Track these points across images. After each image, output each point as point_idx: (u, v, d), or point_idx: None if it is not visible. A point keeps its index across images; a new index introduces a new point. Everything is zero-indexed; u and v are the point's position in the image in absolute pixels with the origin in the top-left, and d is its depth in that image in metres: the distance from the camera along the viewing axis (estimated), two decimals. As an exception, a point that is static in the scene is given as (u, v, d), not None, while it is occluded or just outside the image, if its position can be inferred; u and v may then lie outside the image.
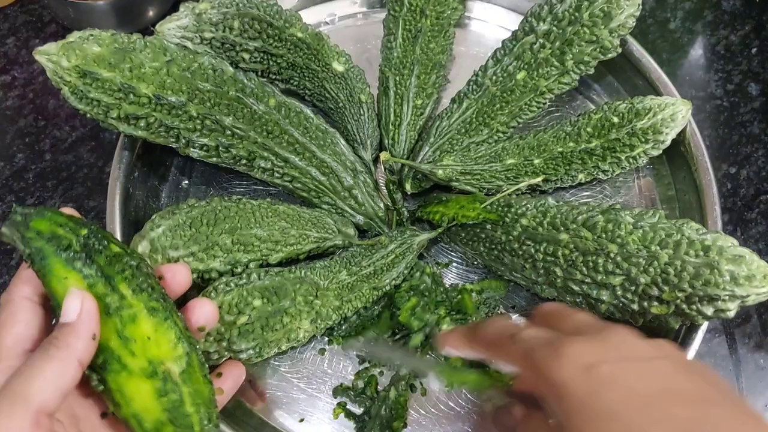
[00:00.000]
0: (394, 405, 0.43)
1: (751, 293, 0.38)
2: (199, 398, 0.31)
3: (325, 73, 0.53)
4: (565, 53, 0.49)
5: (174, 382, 0.30)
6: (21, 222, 0.30)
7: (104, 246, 0.30)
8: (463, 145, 0.52)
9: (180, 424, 0.30)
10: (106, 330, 0.29)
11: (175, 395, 0.30)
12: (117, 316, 0.29)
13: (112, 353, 0.29)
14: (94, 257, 0.30)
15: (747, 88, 0.63)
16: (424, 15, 0.53)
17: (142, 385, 0.29)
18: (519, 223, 0.45)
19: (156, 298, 0.31)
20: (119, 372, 0.29)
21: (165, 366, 0.30)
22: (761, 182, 0.58)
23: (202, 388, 0.31)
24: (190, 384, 0.30)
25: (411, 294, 0.47)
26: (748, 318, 0.52)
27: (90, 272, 0.30)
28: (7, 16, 0.66)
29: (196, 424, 0.30)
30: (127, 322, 0.29)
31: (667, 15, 0.68)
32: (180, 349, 0.30)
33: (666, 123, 0.48)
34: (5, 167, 0.58)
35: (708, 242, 0.39)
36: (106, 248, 0.30)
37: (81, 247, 0.30)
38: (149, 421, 0.29)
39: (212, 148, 0.47)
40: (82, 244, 0.30)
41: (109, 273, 0.30)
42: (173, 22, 0.48)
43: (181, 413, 0.30)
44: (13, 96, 0.62)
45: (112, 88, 0.43)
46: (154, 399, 0.29)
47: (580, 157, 0.50)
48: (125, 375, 0.29)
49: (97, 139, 0.59)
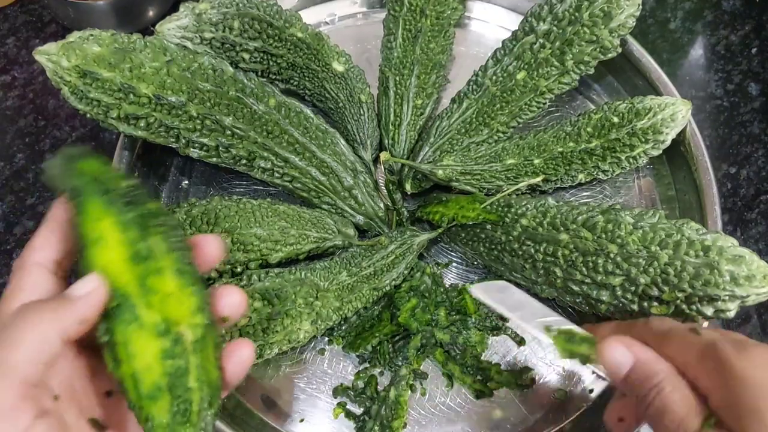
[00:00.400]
0: (394, 405, 0.43)
1: (751, 293, 0.38)
2: (205, 377, 0.28)
3: (325, 73, 0.53)
4: (565, 53, 0.49)
5: (183, 348, 0.28)
6: (69, 158, 0.29)
7: (144, 201, 0.29)
8: (463, 145, 0.52)
9: (178, 396, 0.27)
10: (128, 275, 0.28)
11: (182, 362, 0.27)
12: (143, 265, 0.28)
13: (127, 299, 0.28)
14: (133, 206, 0.29)
15: (747, 88, 0.63)
16: (424, 15, 0.53)
17: (150, 341, 0.27)
18: (519, 223, 0.45)
19: (186, 263, 0.29)
20: (129, 323, 0.27)
21: (179, 328, 0.28)
22: (761, 182, 0.58)
23: (211, 369, 0.29)
24: (200, 356, 0.28)
25: (411, 294, 0.47)
26: (748, 318, 0.52)
27: (126, 218, 0.28)
28: (7, 16, 0.66)
29: (196, 402, 0.28)
30: (152, 273, 0.28)
31: (667, 15, 0.68)
32: (199, 318, 0.28)
33: (666, 123, 0.48)
34: (5, 167, 0.58)
35: (708, 242, 0.39)
36: (146, 203, 0.29)
37: (122, 195, 0.29)
38: (147, 384, 0.27)
39: (212, 148, 0.47)
40: (123, 193, 0.29)
41: (145, 224, 0.28)
42: (173, 22, 0.48)
43: (182, 384, 0.27)
44: (13, 96, 0.62)
45: (112, 88, 0.43)
46: (158, 360, 0.27)
47: (580, 157, 0.50)
48: (135, 327, 0.27)
49: (97, 139, 0.59)
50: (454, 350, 0.46)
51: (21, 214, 0.55)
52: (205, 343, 0.29)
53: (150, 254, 0.28)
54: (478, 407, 0.46)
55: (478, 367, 0.46)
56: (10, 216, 0.55)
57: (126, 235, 0.28)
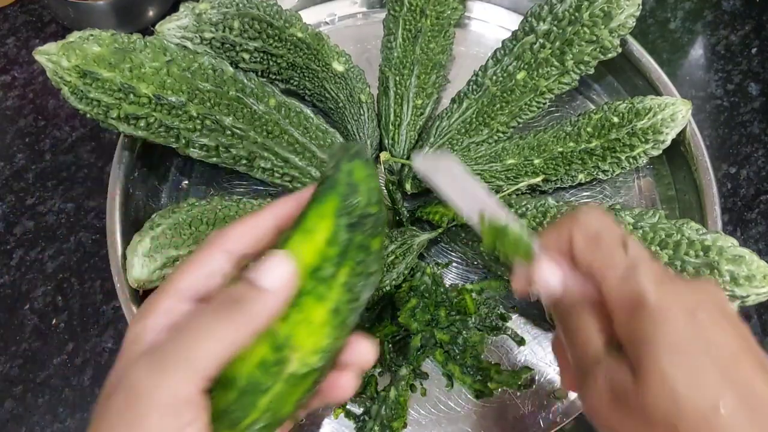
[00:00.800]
0: (394, 405, 0.43)
1: (751, 293, 0.38)
2: (276, 407, 0.26)
3: (325, 73, 0.53)
4: (565, 53, 0.49)
5: (279, 371, 0.26)
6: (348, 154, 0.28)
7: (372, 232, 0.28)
8: (463, 145, 0.52)
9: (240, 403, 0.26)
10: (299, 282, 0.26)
11: (270, 381, 0.26)
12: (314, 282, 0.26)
13: None
14: (356, 231, 0.27)
15: (747, 88, 0.63)
16: (424, 15, 0.53)
17: (261, 347, 0.26)
18: (519, 223, 0.45)
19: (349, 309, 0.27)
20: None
21: (291, 354, 0.26)
22: (761, 182, 0.58)
23: (286, 405, 0.27)
24: (286, 388, 0.26)
25: (411, 294, 0.47)
26: (748, 318, 0.52)
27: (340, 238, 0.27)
28: (7, 16, 0.66)
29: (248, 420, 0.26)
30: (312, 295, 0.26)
31: (667, 15, 0.68)
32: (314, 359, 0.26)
33: (666, 123, 0.48)
34: (5, 167, 0.58)
35: (708, 242, 0.39)
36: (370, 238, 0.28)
37: (358, 217, 0.27)
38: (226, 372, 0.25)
39: (212, 148, 0.47)
40: (361, 215, 0.27)
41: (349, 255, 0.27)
42: (173, 22, 0.48)
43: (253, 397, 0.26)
44: (13, 96, 0.62)
45: (112, 88, 0.43)
46: (253, 365, 0.26)
47: (580, 157, 0.50)
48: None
49: (97, 139, 0.59)
50: (454, 350, 0.46)
51: (21, 214, 0.55)
52: (301, 381, 0.27)
53: (328, 278, 0.27)
54: (478, 407, 0.46)
55: (478, 367, 0.46)
56: (10, 216, 0.55)
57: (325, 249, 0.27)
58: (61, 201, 0.56)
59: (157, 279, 0.44)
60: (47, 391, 0.49)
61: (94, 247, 0.54)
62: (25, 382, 0.49)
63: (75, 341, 0.50)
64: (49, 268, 0.53)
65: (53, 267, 0.53)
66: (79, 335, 0.51)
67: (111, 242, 0.46)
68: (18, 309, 0.52)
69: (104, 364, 0.50)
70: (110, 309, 0.51)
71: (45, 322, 0.51)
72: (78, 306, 0.52)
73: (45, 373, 0.49)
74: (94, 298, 0.52)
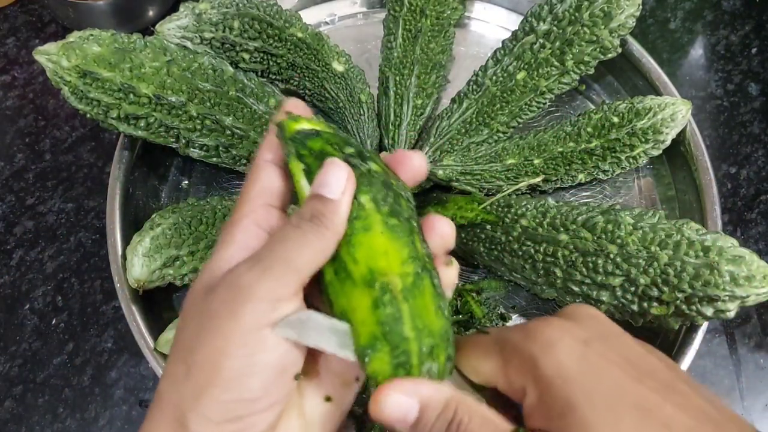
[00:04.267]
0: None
1: (751, 294, 0.38)
2: (422, 324, 0.26)
3: (325, 73, 0.53)
4: (565, 53, 0.49)
5: (393, 296, 0.26)
6: (299, 140, 0.30)
7: (364, 166, 0.29)
8: (463, 145, 0.52)
9: (395, 346, 0.26)
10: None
11: (392, 309, 0.26)
12: (350, 222, 0.27)
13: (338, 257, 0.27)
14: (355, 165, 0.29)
15: (747, 88, 0.63)
16: (424, 15, 0.53)
17: (360, 294, 0.26)
18: (519, 223, 0.45)
19: (401, 217, 0.28)
20: (344, 280, 0.27)
21: (386, 278, 0.26)
22: (761, 182, 0.58)
23: (431, 317, 0.27)
24: (413, 303, 0.26)
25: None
26: (748, 318, 0.52)
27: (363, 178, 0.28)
28: (7, 16, 0.66)
29: (414, 353, 0.26)
30: (359, 230, 0.27)
31: (667, 15, 0.68)
32: (409, 267, 0.27)
33: (666, 123, 0.48)
34: (5, 167, 0.58)
35: (708, 243, 0.39)
36: (365, 166, 0.29)
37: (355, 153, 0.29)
38: (364, 336, 0.26)
39: (212, 148, 0.47)
40: (343, 159, 0.29)
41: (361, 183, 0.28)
42: (173, 22, 0.48)
43: (397, 332, 0.26)
44: (13, 96, 0.62)
45: (112, 88, 0.43)
46: (370, 310, 0.26)
47: (580, 157, 0.50)
48: (349, 283, 0.27)
49: (97, 139, 0.59)
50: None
51: (21, 214, 0.55)
52: (419, 290, 0.27)
53: (358, 212, 0.28)
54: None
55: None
56: (10, 216, 0.55)
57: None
58: (61, 201, 0.56)
59: (157, 279, 0.44)
60: (47, 391, 0.49)
61: (94, 247, 0.54)
62: (25, 382, 0.49)
63: (75, 341, 0.50)
64: (49, 268, 0.53)
65: (53, 267, 0.53)
66: (79, 335, 0.51)
67: (111, 242, 0.46)
68: (18, 309, 0.52)
69: (104, 364, 0.50)
70: (110, 309, 0.51)
71: (45, 322, 0.51)
72: (78, 306, 0.52)
73: (45, 373, 0.49)
74: (94, 298, 0.52)
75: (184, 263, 0.45)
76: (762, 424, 0.48)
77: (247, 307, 0.25)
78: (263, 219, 0.29)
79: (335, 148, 0.29)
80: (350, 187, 0.27)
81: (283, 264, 0.26)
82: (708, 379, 0.50)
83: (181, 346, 0.26)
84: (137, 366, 0.49)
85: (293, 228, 0.27)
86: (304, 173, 0.29)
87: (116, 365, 0.49)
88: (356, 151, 0.29)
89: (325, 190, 0.27)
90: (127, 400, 0.48)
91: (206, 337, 0.25)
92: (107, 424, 0.48)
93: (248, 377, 0.24)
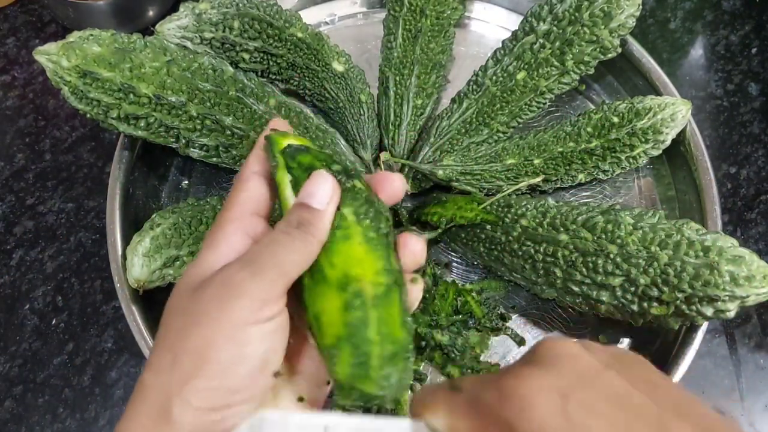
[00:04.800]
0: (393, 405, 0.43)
1: (751, 294, 0.38)
2: (387, 331, 0.27)
3: (325, 73, 0.53)
4: (565, 53, 0.49)
5: (363, 301, 0.27)
6: (289, 153, 0.31)
7: (349, 182, 0.30)
8: (463, 145, 0.52)
9: (357, 347, 0.27)
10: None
11: (361, 313, 0.27)
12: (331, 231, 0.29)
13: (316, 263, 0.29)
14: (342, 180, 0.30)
15: (747, 88, 0.63)
16: (424, 15, 0.53)
17: (333, 296, 0.28)
18: (519, 223, 0.45)
19: (379, 233, 0.29)
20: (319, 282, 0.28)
21: (360, 284, 0.28)
22: (761, 182, 0.58)
23: (396, 328, 0.28)
24: (381, 311, 0.27)
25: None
26: (748, 318, 0.52)
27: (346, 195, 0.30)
28: (7, 16, 0.66)
29: (375, 356, 0.27)
30: (339, 239, 0.29)
31: (667, 15, 0.68)
32: (382, 278, 0.28)
33: (666, 123, 0.48)
34: (5, 167, 0.58)
35: (708, 243, 0.39)
36: (349, 183, 0.30)
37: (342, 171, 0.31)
38: (330, 336, 0.27)
39: (212, 148, 0.47)
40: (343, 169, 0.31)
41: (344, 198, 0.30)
42: (173, 22, 0.48)
43: (361, 335, 0.27)
44: (13, 96, 0.62)
45: (112, 88, 0.43)
46: (340, 312, 0.27)
47: (580, 157, 0.50)
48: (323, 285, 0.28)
49: (97, 139, 0.59)
50: (453, 352, 0.46)
51: (21, 214, 0.55)
52: (389, 300, 0.28)
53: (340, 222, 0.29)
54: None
55: (477, 368, 0.46)
56: (10, 216, 0.55)
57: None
58: (61, 201, 0.56)
59: (157, 279, 0.44)
60: (47, 391, 0.49)
61: (94, 247, 0.54)
62: (25, 382, 0.49)
63: (75, 341, 0.50)
64: (49, 268, 0.53)
65: (53, 267, 0.53)
66: (79, 335, 0.51)
67: (111, 242, 0.46)
68: (18, 309, 0.52)
69: (104, 364, 0.50)
70: (110, 309, 0.51)
71: (45, 322, 0.51)
72: (78, 306, 0.52)
73: (45, 373, 0.49)
74: (94, 298, 0.52)
75: (184, 263, 0.45)
76: (762, 424, 0.48)
77: (238, 303, 0.26)
78: (249, 225, 0.30)
79: (323, 164, 0.31)
80: (335, 198, 0.29)
81: (273, 266, 0.27)
82: (708, 379, 0.50)
83: (166, 336, 0.27)
84: (137, 366, 0.49)
85: (282, 233, 0.28)
86: (290, 184, 0.30)
87: (116, 365, 0.49)
88: (342, 168, 0.31)
89: (312, 200, 0.29)
90: (127, 400, 0.48)
91: (195, 328, 0.26)
92: (107, 424, 0.48)
93: (234, 366, 0.26)
